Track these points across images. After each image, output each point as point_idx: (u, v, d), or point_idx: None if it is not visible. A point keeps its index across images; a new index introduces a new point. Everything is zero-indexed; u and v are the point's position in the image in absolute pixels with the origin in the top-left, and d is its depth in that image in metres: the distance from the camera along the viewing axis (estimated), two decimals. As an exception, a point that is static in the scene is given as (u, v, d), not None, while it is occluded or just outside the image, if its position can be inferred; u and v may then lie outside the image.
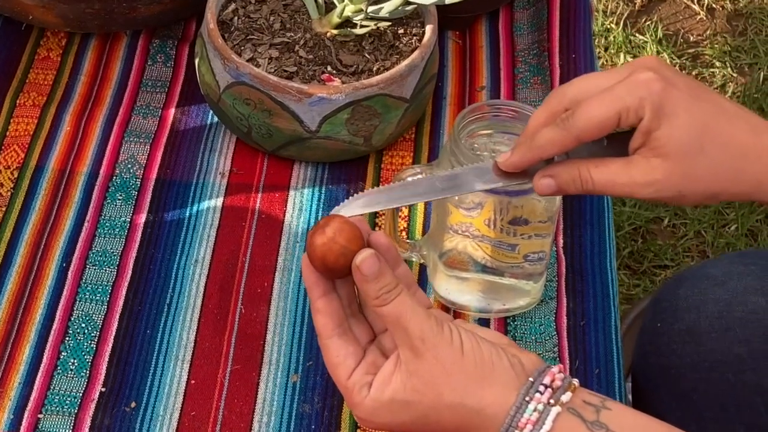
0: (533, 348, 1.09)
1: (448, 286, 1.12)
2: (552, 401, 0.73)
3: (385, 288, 0.76)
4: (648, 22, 2.48)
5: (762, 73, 2.36)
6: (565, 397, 0.74)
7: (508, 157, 0.89)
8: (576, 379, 0.76)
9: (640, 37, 2.44)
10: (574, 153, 0.90)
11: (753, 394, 1.08)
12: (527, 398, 0.73)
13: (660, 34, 2.44)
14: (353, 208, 0.84)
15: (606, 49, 2.42)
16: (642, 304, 1.68)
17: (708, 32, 2.48)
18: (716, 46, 2.44)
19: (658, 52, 2.39)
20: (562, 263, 1.15)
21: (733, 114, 0.85)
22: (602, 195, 0.89)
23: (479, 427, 0.74)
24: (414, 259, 1.14)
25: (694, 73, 2.38)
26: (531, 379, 0.74)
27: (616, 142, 0.90)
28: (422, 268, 1.15)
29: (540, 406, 0.73)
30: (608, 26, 2.46)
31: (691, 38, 2.47)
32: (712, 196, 0.86)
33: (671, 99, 0.83)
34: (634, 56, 2.39)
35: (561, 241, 1.17)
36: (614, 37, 2.43)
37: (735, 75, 2.38)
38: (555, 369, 0.76)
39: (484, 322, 1.11)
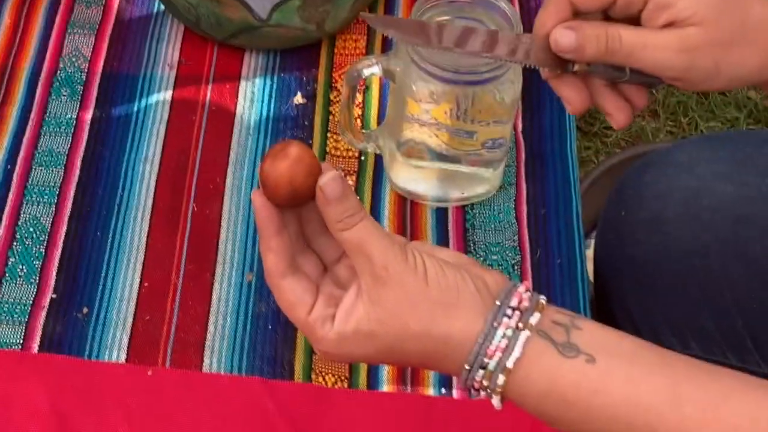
0: (492, 237, 1.07)
1: (405, 175, 1.09)
2: (521, 325, 0.70)
3: (348, 212, 0.71)
4: None
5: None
6: (534, 319, 0.70)
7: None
8: (543, 297, 0.72)
9: None
10: (595, 72, 0.84)
11: (720, 283, 1.06)
12: (495, 324, 0.70)
13: None
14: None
15: None
16: (595, 172, 1.66)
17: None
18: None
19: None
20: (522, 148, 1.12)
21: None
22: (623, 64, 0.80)
23: (446, 356, 0.72)
24: (369, 150, 1.11)
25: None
26: (498, 302, 0.71)
27: (641, 75, 0.84)
28: (378, 159, 1.12)
29: (509, 332, 0.70)
30: None
31: None
32: (748, 70, 0.80)
33: None
34: None
35: (520, 125, 1.14)
36: None
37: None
38: (521, 288, 0.72)
39: (441, 211, 1.09)
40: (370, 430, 0.95)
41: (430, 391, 0.97)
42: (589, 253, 1.21)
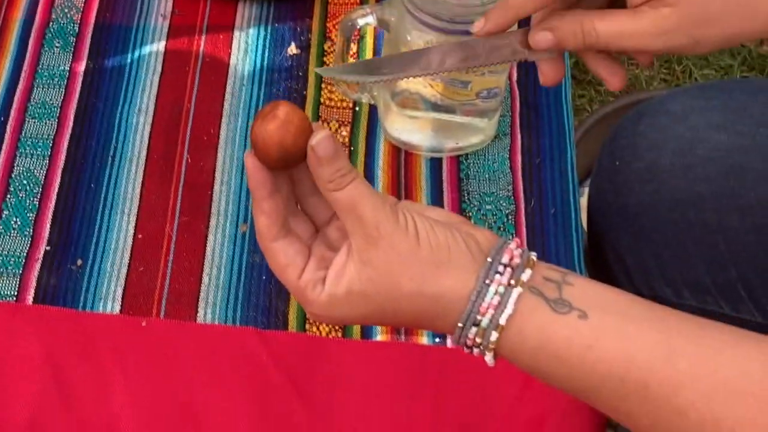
0: (487, 187, 1.07)
1: (399, 126, 1.09)
2: (512, 281, 0.69)
3: (339, 171, 0.71)
4: None
5: None
6: (525, 275, 0.70)
7: (482, 26, 0.83)
8: (534, 253, 0.72)
9: None
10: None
11: (713, 232, 1.06)
12: (487, 281, 0.69)
13: None
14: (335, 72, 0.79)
15: None
16: (589, 121, 1.65)
17: None
18: None
19: None
20: (516, 98, 1.12)
21: None
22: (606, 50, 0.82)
23: (438, 315, 0.71)
24: (364, 101, 1.11)
25: None
26: (489, 259, 0.70)
27: None
28: (372, 109, 1.11)
29: (501, 289, 0.69)
30: None
31: None
32: (729, 38, 0.80)
33: None
34: None
35: (515, 75, 1.13)
36: None
37: None
38: (512, 245, 0.71)
39: (436, 162, 1.08)
40: (364, 379, 0.95)
41: (424, 340, 0.97)
42: (583, 201, 1.21)
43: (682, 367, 0.66)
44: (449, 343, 0.97)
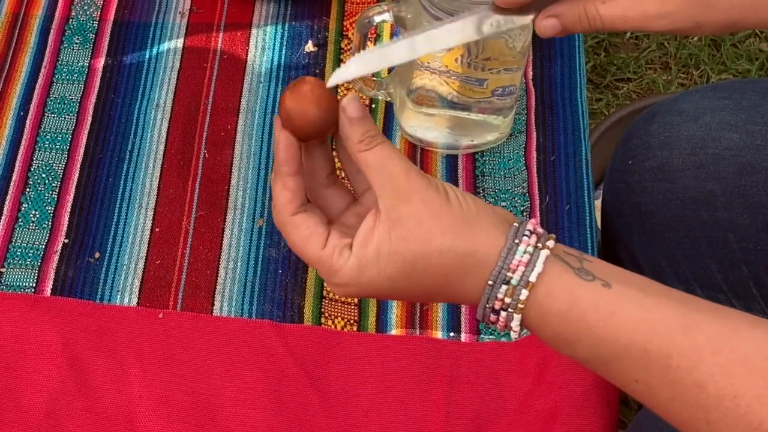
0: (502, 184, 1.07)
1: (415, 123, 1.10)
2: (539, 245, 0.71)
3: (369, 132, 0.73)
4: None
5: None
6: (550, 243, 0.71)
7: None
8: (552, 234, 0.73)
9: None
10: None
11: (725, 231, 1.06)
12: (516, 240, 0.71)
13: None
14: (350, 71, 0.80)
15: None
16: (605, 124, 1.65)
17: None
18: None
19: None
20: (532, 96, 1.12)
21: None
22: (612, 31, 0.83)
23: (468, 271, 0.72)
24: (380, 97, 1.12)
25: None
26: (516, 224, 0.72)
27: None
28: (389, 107, 1.12)
29: (530, 248, 0.71)
30: None
31: None
32: (731, 24, 0.81)
33: None
34: None
35: (530, 73, 1.14)
36: None
37: None
38: (533, 220, 0.73)
39: (452, 159, 1.09)
40: (379, 372, 0.96)
41: (438, 335, 0.98)
42: (597, 203, 1.21)
43: (701, 340, 0.67)
44: (463, 337, 0.98)
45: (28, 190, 1.06)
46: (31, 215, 1.04)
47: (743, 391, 0.65)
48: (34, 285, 1.00)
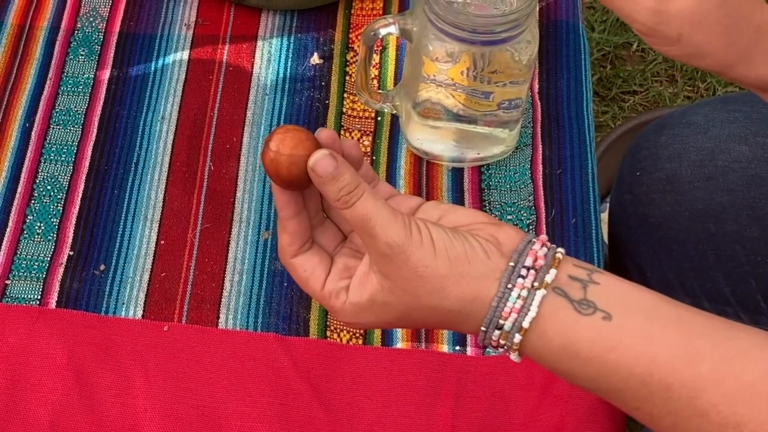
0: (508, 197, 1.07)
1: (421, 135, 1.09)
2: (536, 284, 0.70)
3: (345, 189, 0.70)
4: None
5: None
6: (550, 276, 0.70)
7: None
8: (561, 249, 0.72)
9: None
10: None
11: (734, 243, 1.06)
12: (509, 285, 0.70)
13: None
14: None
15: None
16: (612, 136, 1.65)
17: None
18: None
19: None
20: (538, 109, 1.12)
21: None
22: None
23: (462, 321, 0.72)
24: (386, 110, 1.11)
25: None
26: (512, 263, 0.70)
27: None
28: (394, 119, 1.12)
29: (524, 292, 0.69)
30: None
31: None
32: (700, 54, 0.82)
33: None
34: None
35: (536, 87, 1.14)
36: None
37: None
38: (537, 245, 0.71)
39: (457, 172, 1.09)
40: (385, 386, 0.95)
41: (444, 348, 0.98)
42: (604, 216, 1.21)
43: (704, 370, 0.67)
44: (470, 351, 0.98)
45: (33, 202, 1.06)
46: (36, 227, 1.04)
47: (747, 419, 0.65)
48: (39, 297, 1.00)
